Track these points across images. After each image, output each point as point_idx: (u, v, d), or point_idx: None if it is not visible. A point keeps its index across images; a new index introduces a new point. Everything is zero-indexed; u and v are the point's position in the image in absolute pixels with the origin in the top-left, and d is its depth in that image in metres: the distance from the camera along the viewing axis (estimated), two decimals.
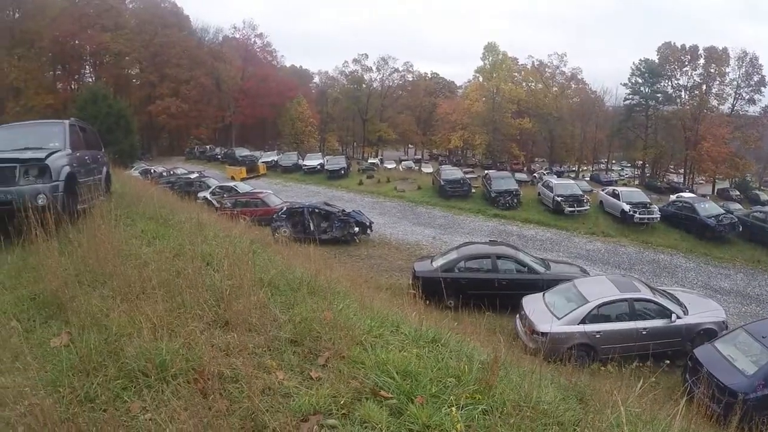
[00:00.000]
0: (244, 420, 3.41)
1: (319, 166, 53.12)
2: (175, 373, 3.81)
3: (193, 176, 44.19)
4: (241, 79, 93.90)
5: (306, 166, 54.43)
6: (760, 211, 33.38)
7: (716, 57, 77.72)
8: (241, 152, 64.25)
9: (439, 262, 17.55)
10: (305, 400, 3.64)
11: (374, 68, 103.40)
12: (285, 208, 26.52)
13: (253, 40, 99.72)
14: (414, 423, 3.59)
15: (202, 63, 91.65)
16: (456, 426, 3.54)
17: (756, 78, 76.95)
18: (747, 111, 79.55)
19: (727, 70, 78.00)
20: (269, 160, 60.26)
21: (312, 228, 25.04)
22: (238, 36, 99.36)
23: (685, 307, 14.38)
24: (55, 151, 9.08)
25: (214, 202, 29.64)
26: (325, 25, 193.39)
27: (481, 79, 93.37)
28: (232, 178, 48.75)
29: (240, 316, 4.79)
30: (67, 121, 10.73)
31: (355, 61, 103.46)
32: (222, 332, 4.65)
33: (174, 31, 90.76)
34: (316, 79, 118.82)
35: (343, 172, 50.81)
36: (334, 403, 3.68)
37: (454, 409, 3.72)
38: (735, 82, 78.02)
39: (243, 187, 37.43)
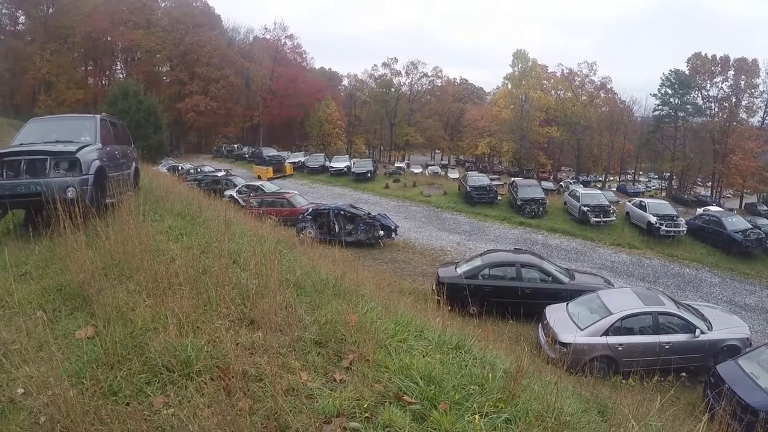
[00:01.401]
0: (266, 419, 3.41)
1: (345, 169, 53.12)
2: (200, 369, 3.82)
3: (220, 174, 44.63)
4: (270, 79, 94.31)
5: (333, 168, 54.51)
6: None
7: (746, 68, 76.53)
8: (269, 152, 64.24)
9: (463, 269, 17.46)
10: (329, 402, 3.63)
11: (403, 72, 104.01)
12: (311, 209, 26.56)
13: (283, 41, 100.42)
14: (437, 429, 3.58)
15: (232, 62, 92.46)
16: None
17: None
18: None
19: (758, 82, 76.71)
20: (296, 160, 60.39)
21: (337, 230, 25.09)
22: (268, 37, 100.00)
23: (710, 322, 14.14)
24: (86, 145, 9.18)
25: (241, 200, 29.76)
26: (354, 29, 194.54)
27: (509, 86, 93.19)
28: (259, 178, 49.08)
29: (265, 316, 4.80)
30: (98, 116, 10.86)
31: (385, 64, 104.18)
32: (247, 331, 4.67)
33: (205, 30, 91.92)
34: (345, 82, 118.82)
35: (369, 175, 50.73)
36: (357, 406, 3.67)
37: (477, 416, 3.72)
38: (765, 95, 76.62)
39: (269, 186, 37.58)
